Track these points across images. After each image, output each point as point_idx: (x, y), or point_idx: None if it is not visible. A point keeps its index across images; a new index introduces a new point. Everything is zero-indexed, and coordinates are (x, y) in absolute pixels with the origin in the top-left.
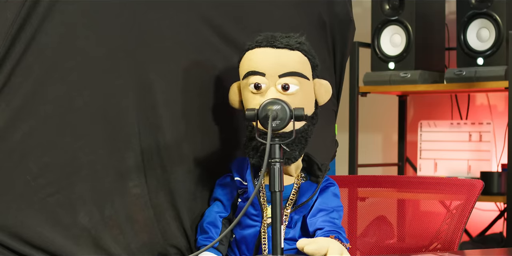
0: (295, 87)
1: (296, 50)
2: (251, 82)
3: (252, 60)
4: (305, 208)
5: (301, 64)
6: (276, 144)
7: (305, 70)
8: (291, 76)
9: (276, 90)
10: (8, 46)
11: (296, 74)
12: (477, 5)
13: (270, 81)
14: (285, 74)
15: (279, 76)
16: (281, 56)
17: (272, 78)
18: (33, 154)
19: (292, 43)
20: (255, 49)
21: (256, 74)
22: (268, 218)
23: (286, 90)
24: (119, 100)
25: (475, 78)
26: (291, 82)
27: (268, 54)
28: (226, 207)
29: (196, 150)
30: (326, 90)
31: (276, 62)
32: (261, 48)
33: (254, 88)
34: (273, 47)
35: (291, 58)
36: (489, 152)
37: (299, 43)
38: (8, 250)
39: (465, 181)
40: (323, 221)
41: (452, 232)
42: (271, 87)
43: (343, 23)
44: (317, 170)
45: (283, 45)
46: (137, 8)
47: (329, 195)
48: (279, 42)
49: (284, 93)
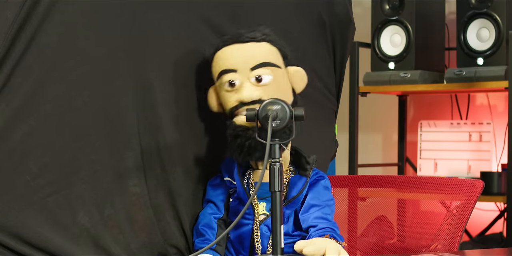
0: (269, 77)
1: (262, 41)
2: (224, 80)
3: (222, 58)
4: (296, 203)
5: (270, 54)
6: (276, 144)
7: (275, 59)
8: (263, 67)
9: (250, 84)
10: (8, 46)
11: (267, 64)
12: (477, 5)
13: (243, 76)
14: (256, 66)
15: (251, 69)
16: (248, 49)
17: (244, 73)
18: (33, 154)
19: (258, 35)
20: (223, 48)
21: (228, 72)
22: (260, 215)
23: (260, 82)
24: (119, 100)
25: (475, 78)
26: (263, 73)
27: (236, 50)
28: (219, 208)
29: (196, 150)
30: (301, 76)
31: (244, 55)
32: (228, 46)
33: (228, 86)
34: (239, 42)
35: (259, 49)
36: (489, 152)
37: (264, 34)
38: (8, 250)
39: (465, 181)
40: (316, 218)
41: (452, 232)
42: (245, 82)
43: (343, 23)
44: (305, 163)
45: (248, 39)
46: (137, 8)
47: (320, 189)
48: (245, 36)
49: (259, 85)
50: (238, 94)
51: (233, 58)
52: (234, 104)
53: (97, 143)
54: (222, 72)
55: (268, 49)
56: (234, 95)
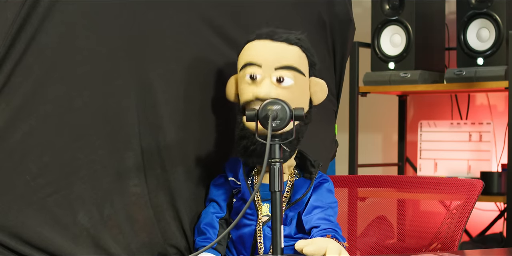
0: (290, 81)
1: (294, 45)
2: (247, 72)
3: (250, 51)
4: (299, 205)
5: (298, 59)
6: (276, 144)
7: (302, 65)
8: (287, 70)
9: (270, 82)
10: (8, 46)
11: (292, 68)
12: (477, 5)
13: (265, 72)
14: (281, 67)
15: (275, 69)
16: (279, 49)
17: (268, 70)
18: (33, 154)
19: (292, 38)
20: (255, 41)
21: (252, 65)
22: (263, 216)
23: (281, 83)
24: (119, 100)
25: (475, 78)
26: (286, 75)
27: (266, 46)
28: (222, 207)
29: (196, 150)
30: (322, 89)
31: (273, 54)
32: (260, 40)
33: (249, 79)
34: (272, 40)
35: (289, 52)
36: (489, 152)
37: (298, 39)
38: (8, 250)
39: (465, 181)
40: (319, 219)
41: (452, 232)
42: (266, 79)
43: (343, 23)
44: (310, 167)
45: (282, 39)
46: (137, 8)
47: (324, 192)
48: (279, 36)
49: (279, 86)
50: (257, 88)
51: (261, 53)
52: (250, 98)
53: (97, 143)
54: (247, 64)
55: (297, 53)
56: (252, 89)
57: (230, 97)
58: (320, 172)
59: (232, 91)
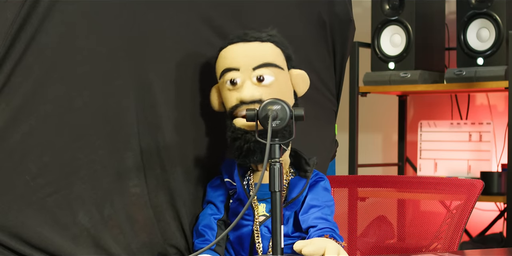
0: (270, 78)
1: (267, 42)
2: (226, 79)
3: (225, 57)
4: (296, 204)
5: (274, 55)
6: (276, 144)
7: (279, 60)
8: (265, 67)
9: (251, 83)
10: (8, 46)
11: (269, 65)
12: (477, 5)
13: (245, 75)
14: (258, 66)
15: (253, 69)
16: (252, 48)
17: (246, 72)
18: (33, 154)
19: (263, 35)
20: (228, 46)
21: (230, 70)
22: (259, 216)
23: (262, 82)
24: (119, 100)
25: (475, 78)
26: (265, 73)
27: (240, 49)
28: (219, 209)
29: (196, 150)
30: (303, 80)
31: (248, 55)
32: (233, 44)
33: (230, 85)
34: (244, 41)
35: (263, 49)
36: (489, 152)
37: (270, 35)
38: (8, 250)
39: (465, 181)
40: (316, 218)
41: (452, 232)
42: (246, 81)
43: (343, 23)
44: (305, 165)
45: (253, 38)
46: (137, 8)
47: (320, 190)
48: (250, 36)
49: (260, 85)
50: (239, 93)
51: (236, 57)
52: (235, 103)
53: (97, 143)
54: (225, 70)
55: (272, 50)
56: (235, 94)
57: (215, 106)
58: (315, 170)
59: (216, 101)
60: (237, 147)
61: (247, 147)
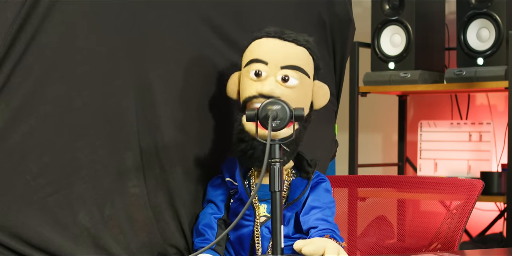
0: (295, 81)
1: (302, 46)
2: (252, 69)
3: (258, 48)
4: (297, 205)
5: (305, 61)
6: (276, 144)
7: (308, 67)
8: (293, 70)
9: (275, 80)
10: (8, 46)
11: (298, 68)
12: (477, 5)
13: (271, 70)
14: (287, 66)
15: (281, 68)
16: (287, 48)
17: (273, 68)
18: (33, 154)
19: (300, 39)
20: (263, 38)
21: (258, 61)
22: (260, 217)
23: (286, 82)
24: (119, 100)
25: (475, 78)
26: (292, 75)
27: (274, 45)
28: (219, 208)
29: (195, 150)
30: (324, 94)
31: (280, 53)
32: (268, 38)
33: (254, 75)
34: (280, 39)
35: (296, 52)
36: (489, 152)
37: (306, 41)
38: (8, 250)
39: (465, 181)
40: (317, 219)
41: (452, 232)
42: (271, 77)
43: (343, 23)
44: (307, 166)
45: (291, 39)
46: (137, 8)
47: (321, 191)
48: (288, 35)
49: (283, 85)
50: (261, 85)
51: (269, 51)
52: (253, 93)
53: (97, 143)
54: (253, 60)
55: (304, 55)
56: (256, 85)
57: (232, 94)
58: (317, 171)
59: (234, 88)
60: (242, 149)
61: (250, 153)
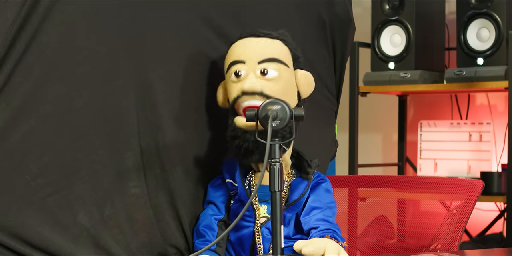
0: (274, 73)
1: (276, 39)
2: (232, 71)
3: (233, 51)
4: (297, 206)
5: (281, 52)
6: (276, 144)
7: (285, 58)
8: (270, 62)
9: (255, 76)
10: (8, 46)
11: (275, 60)
12: (477, 5)
13: (249, 67)
14: (264, 60)
15: (259, 63)
16: (260, 43)
17: (252, 65)
18: (33, 154)
19: (273, 33)
20: (237, 41)
21: (236, 63)
22: (261, 217)
23: (265, 75)
24: (119, 100)
25: (475, 78)
26: (270, 67)
27: (248, 43)
28: (220, 209)
29: (196, 150)
30: (308, 81)
31: (255, 48)
32: (242, 39)
33: (234, 77)
34: (253, 36)
35: (271, 45)
36: (489, 152)
37: (279, 33)
38: (8, 250)
39: (465, 181)
40: (317, 220)
41: (452, 232)
42: (250, 74)
43: (343, 23)
44: (307, 167)
45: (263, 34)
46: (137, 8)
47: (321, 192)
48: (260, 32)
49: (263, 78)
50: (242, 84)
51: (244, 50)
52: (237, 94)
53: (97, 143)
54: (232, 63)
55: (280, 46)
56: (237, 85)
57: (222, 103)
58: (317, 172)
59: (221, 97)
60: (236, 146)
61: (245, 147)
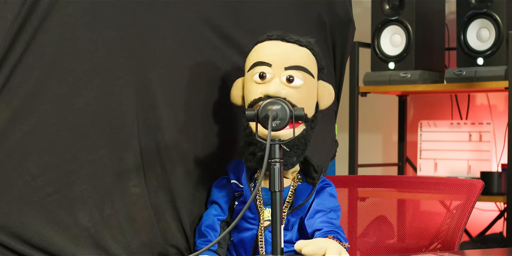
0: (300, 81)
1: (305, 47)
2: (256, 72)
3: (261, 51)
4: (301, 210)
5: (308, 61)
6: (276, 144)
7: (311, 67)
8: (297, 70)
9: (280, 81)
10: (8, 46)
11: (302, 68)
12: (477, 5)
13: (275, 72)
14: (291, 67)
15: (285, 68)
16: (290, 49)
17: (277, 69)
18: (33, 154)
19: (302, 40)
20: (265, 41)
21: (262, 64)
22: (265, 221)
23: (291, 82)
24: (119, 100)
25: (475, 78)
26: (296, 75)
27: (277, 46)
28: (223, 210)
29: (196, 150)
30: (329, 93)
31: (284, 54)
32: (271, 41)
33: (258, 78)
34: (283, 40)
35: (299, 53)
36: (489, 152)
37: (309, 42)
38: (8, 250)
39: (465, 181)
40: (321, 222)
41: (452, 232)
42: (275, 78)
43: (343, 23)
44: (313, 172)
45: (293, 40)
46: (137, 8)
47: (326, 196)
48: (290, 37)
49: (288, 85)
50: (266, 87)
51: (272, 53)
52: (258, 95)
53: (97, 143)
54: (257, 63)
55: (307, 55)
56: (261, 87)
57: (236, 99)
58: (322, 176)
59: (239, 93)
60: (251, 152)
61: (260, 155)
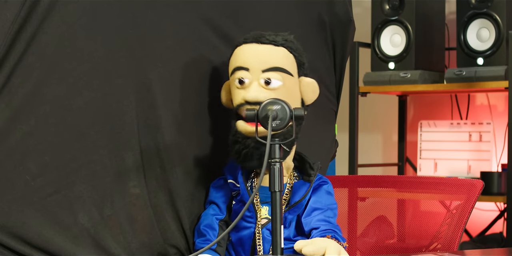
0: (278, 83)
1: (281, 46)
2: (236, 77)
3: (238, 56)
4: (298, 208)
5: (285, 60)
6: (276, 144)
7: (289, 66)
8: (274, 71)
9: (258, 85)
10: (8, 46)
11: (279, 69)
12: (477, 5)
13: (253, 75)
14: (268, 69)
15: (263, 71)
16: (265, 51)
17: (255, 73)
18: (33, 154)
19: (278, 39)
20: (242, 45)
21: (240, 69)
22: (262, 218)
23: (268, 85)
24: (119, 100)
25: (475, 78)
26: (273, 77)
27: (253, 50)
28: (221, 209)
29: (196, 150)
30: (313, 89)
31: (259, 57)
32: (247, 44)
33: (238, 83)
34: (258, 43)
35: (275, 53)
36: (489, 152)
37: (285, 40)
38: (8, 250)
39: (465, 181)
40: (318, 220)
41: (452, 232)
42: (254, 82)
43: (343, 23)
44: (309, 169)
45: (268, 41)
46: (137, 8)
47: (323, 194)
48: (265, 38)
49: (266, 88)
50: (245, 92)
51: (248, 57)
52: (240, 101)
53: (97, 143)
54: (236, 68)
55: (284, 55)
56: (241, 93)
57: (226, 103)
58: (319, 174)
59: (225, 97)
60: (236, 150)
61: (245, 153)
